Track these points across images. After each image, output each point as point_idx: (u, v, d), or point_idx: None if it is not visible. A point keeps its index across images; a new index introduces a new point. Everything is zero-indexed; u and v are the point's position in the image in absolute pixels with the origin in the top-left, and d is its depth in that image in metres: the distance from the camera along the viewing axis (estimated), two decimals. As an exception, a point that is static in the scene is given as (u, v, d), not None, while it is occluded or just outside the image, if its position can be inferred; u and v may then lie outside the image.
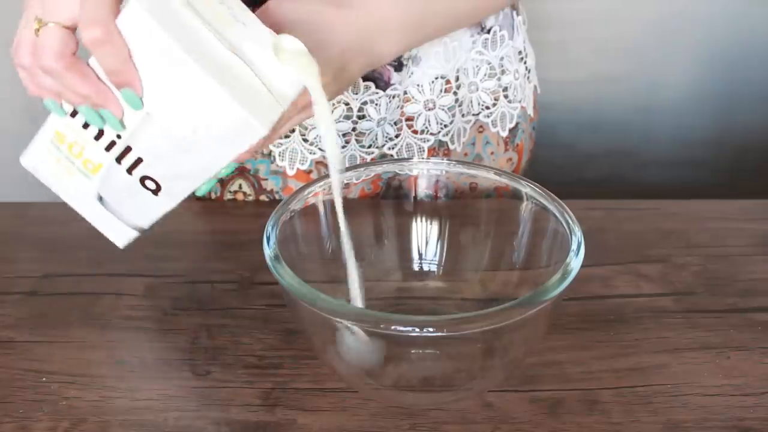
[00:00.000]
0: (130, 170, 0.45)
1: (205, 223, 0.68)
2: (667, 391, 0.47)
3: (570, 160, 1.16)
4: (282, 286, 0.41)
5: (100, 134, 0.44)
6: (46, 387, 0.48)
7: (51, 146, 0.47)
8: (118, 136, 0.44)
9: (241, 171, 0.71)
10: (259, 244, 0.44)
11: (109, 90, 0.41)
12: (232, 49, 0.39)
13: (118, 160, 0.45)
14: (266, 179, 0.70)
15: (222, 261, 0.60)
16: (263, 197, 0.71)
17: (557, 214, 0.47)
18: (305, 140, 0.66)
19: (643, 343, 0.51)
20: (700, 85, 1.13)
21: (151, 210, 0.47)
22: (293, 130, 0.66)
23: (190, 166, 0.43)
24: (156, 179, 0.45)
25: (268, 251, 0.43)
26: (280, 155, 0.67)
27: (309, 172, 0.68)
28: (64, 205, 0.51)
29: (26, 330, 0.53)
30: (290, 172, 0.67)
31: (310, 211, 0.50)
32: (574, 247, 0.43)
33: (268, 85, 0.41)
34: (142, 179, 0.45)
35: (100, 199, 0.48)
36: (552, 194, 0.48)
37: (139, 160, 0.44)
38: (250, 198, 0.71)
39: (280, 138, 0.63)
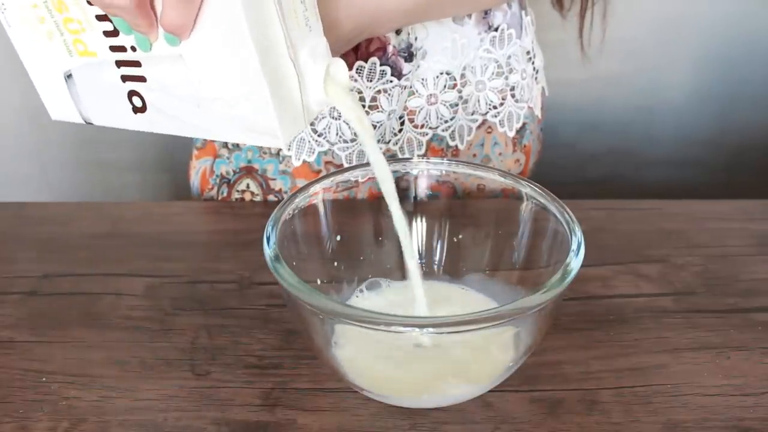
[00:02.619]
0: (125, 79, 0.42)
1: (205, 222, 0.68)
2: (667, 391, 0.47)
3: (571, 159, 1.16)
4: (282, 286, 0.41)
5: (112, 33, 0.41)
6: (46, 387, 0.48)
7: (42, 5, 0.42)
8: (133, 48, 0.40)
9: (248, 171, 0.71)
10: (259, 244, 0.44)
11: (155, 20, 0.38)
12: (292, 53, 0.39)
13: (119, 64, 0.42)
14: (274, 179, 0.70)
15: (222, 261, 0.60)
16: (271, 197, 0.71)
17: (557, 214, 0.47)
18: (314, 131, 0.66)
19: (642, 343, 0.51)
20: (701, 85, 1.13)
21: (117, 118, 0.45)
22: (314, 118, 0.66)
23: (190, 119, 0.42)
24: (147, 102, 0.43)
25: (268, 251, 0.43)
26: (287, 145, 0.67)
27: (318, 172, 0.68)
28: (64, 205, 0.51)
29: (26, 330, 0.53)
30: (296, 163, 0.67)
31: (310, 211, 0.50)
32: (574, 247, 0.43)
33: (305, 102, 0.40)
34: (132, 93, 0.43)
35: (69, 76, 0.45)
36: (552, 194, 0.48)
37: (141, 79, 0.42)
38: (258, 198, 0.71)
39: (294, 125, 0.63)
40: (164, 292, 0.57)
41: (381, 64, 0.62)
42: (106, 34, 0.41)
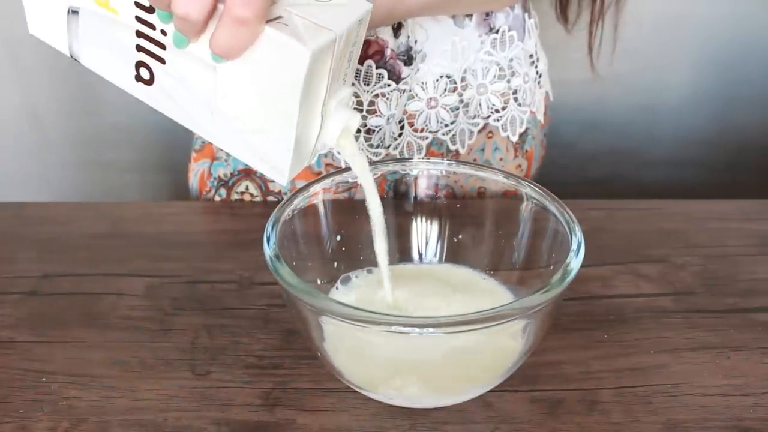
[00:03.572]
0: (139, 49, 0.40)
1: (205, 223, 0.68)
2: (667, 391, 0.47)
3: (571, 159, 1.16)
4: (282, 286, 0.41)
5: (146, 9, 0.39)
6: (46, 387, 0.48)
7: None
8: (163, 33, 0.39)
9: (247, 173, 0.71)
10: (259, 244, 0.44)
11: (205, 30, 0.37)
12: (324, 107, 0.39)
13: (139, 35, 0.39)
14: (273, 180, 0.70)
15: (222, 261, 0.60)
16: (270, 198, 0.71)
17: (557, 214, 0.47)
18: None
19: (642, 343, 0.51)
20: (701, 85, 1.13)
21: (111, 73, 0.42)
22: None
23: (198, 118, 0.41)
24: (156, 80, 0.41)
25: (268, 251, 0.43)
26: None
27: (318, 173, 0.68)
28: (64, 205, 0.51)
29: (26, 330, 0.53)
30: None
31: (310, 211, 0.50)
32: (574, 247, 0.43)
33: (317, 146, 0.41)
34: (142, 64, 0.41)
35: (74, 12, 0.42)
36: (552, 194, 0.48)
37: (159, 59, 0.40)
38: (257, 199, 0.71)
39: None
40: (164, 292, 0.57)
41: (378, 67, 0.62)
42: (138, 5, 0.39)
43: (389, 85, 0.63)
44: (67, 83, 1.07)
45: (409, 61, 0.63)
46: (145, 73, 0.41)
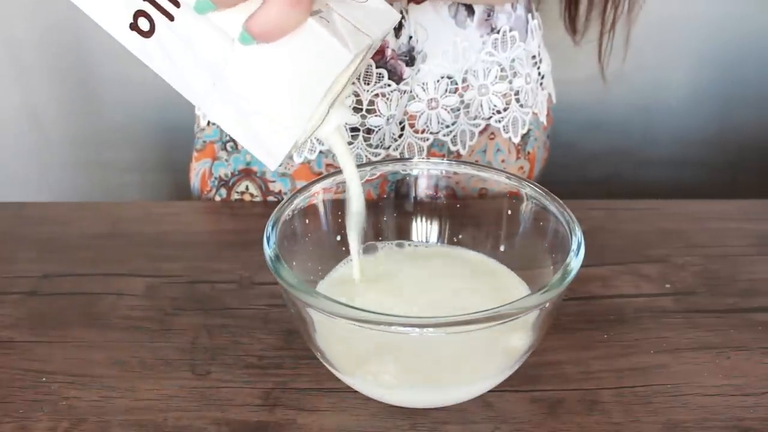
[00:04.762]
0: None
1: (205, 223, 0.68)
2: (667, 391, 0.47)
3: (571, 159, 1.16)
4: (282, 286, 0.41)
5: None
6: (46, 387, 0.48)
7: None
8: None
9: (247, 173, 0.71)
10: (259, 244, 0.44)
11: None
12: (337, 98, 0.39)
13: None
14: (273, 181, 0.70)
15: (222, 261, 0.60)
16: (270, 198, 0.71)
17: (557, 214, 0.47)
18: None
19: (642, 343, 0.51)
20: (701, 85, 1.13)
21: (101, 14, 0.40)
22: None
23: (195, 84, 0.39)
24: (156, 33, 0.38)
25: (268, 251, 0.43)
26: None
27: (318, 173, 0.68)
28: (64, 205, 0.51)
29: (26, 330, 0.53)
30: (297, 160, 0.67)
31: (310, 211, 0.50)
32: (574, 247, 0.43)
33: (309, 139, 0.40)
34: (141, 12, 0.38)
35: None
36: (552, 194, 0.48)
37: (167, 15, 0.37)
38: (257, 199, 0.71)
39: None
40: (164, 292, 0.57)
41: (378, 67, 0.62)
42: None
43: (389, 85, 0.63)
44: (67, 83, 1.07)
45: (410, 61, 0.63)
46: (144, 24, 0.38)
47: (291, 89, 0.37)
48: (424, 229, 0.55)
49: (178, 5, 0.37)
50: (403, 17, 0.61)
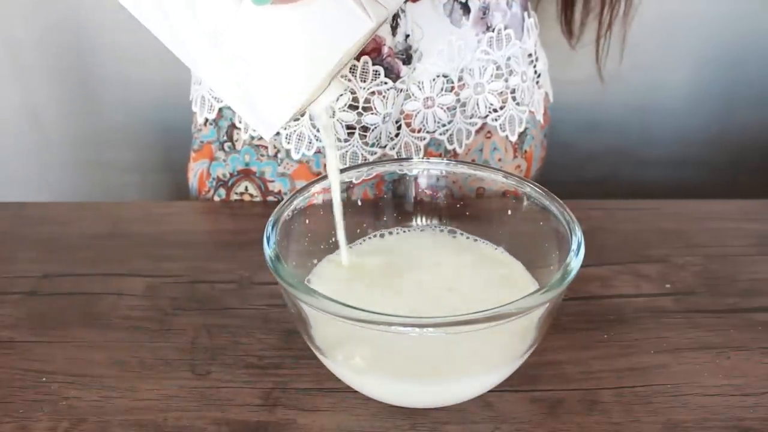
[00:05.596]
0: None
1: (205, 223, 0.68)
2: (667, 391, 0.47)
3: (569, 159, 1.16)
4: (282, 286, 0.41)
5: None
6: (46, 387, 0.48)
7: None
8: None
9: (246, 173, 0.71)
10: (259, 244, 0.44)
11: None
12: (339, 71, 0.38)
13: None
14: (273, 181, 0.70)
15: (222, 261, 0.60)
16: (270, 198, 0.71)
17: (557, 214, 0.47)
18: (313, 125, 0.66)
19: (642, 343, 0.51)
20: (701, 85, 1.13)
21: None
22: (303, 114, 0.66)
23: (189, 44, 0.37)
24: None
25: (268, 251, 0.43)
26: (287, 138, 0.67)
27: (317, 173, 0.68)
28: (64, 205, 0.51)
29: (26, 330, 0.53)
30: (295, 157, 0.67)
31: (310, 211, 0.50)
32: (574, 247, 0.43)
33: (302, 110, 0.40)
34: None
35: None
36: (552, 194, 0.48)
37: None
38: (257, 199, 0.71)
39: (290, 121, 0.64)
40: (164, 292, 0.57)
41: (374, 64, 0.62)
42: None
43: (386, 83, 0.63)
44: (67, 83, 1.07)
45: (407, 60, 0.63)
46: None
47: (303, 56, 0.35)
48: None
49: None
50: (399, 16, 0.61)
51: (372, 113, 0.64)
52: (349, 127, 0.65)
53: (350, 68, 0.62)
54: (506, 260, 0.51)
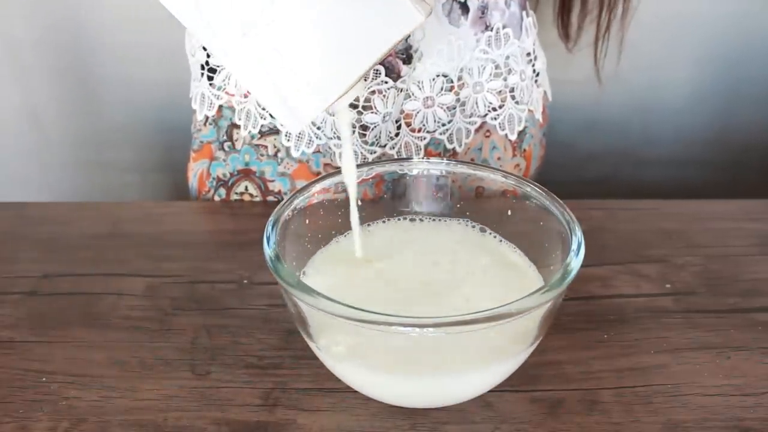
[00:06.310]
0: None
1: (205, 223, 0.68)
2: (667, 391, 0.47)
3: (569, 159, 1.16)
4: (282, 286, 0.41)
5: None
6: (46, 387, 0.48)
7: None
8: None
9: (246, 173, 0.71)
10: (259, 244, 0.44)
11: None
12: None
13: None
14: (273, 181, 0.70)
15: (222, 261, 0.60)
16: (270, 198, 0.71)
17: (557, 214, 0.47)
18: (313, 123, 0.66)
19: (643, 343, 0.51)
20: (701, 85, 1.13)
21: None
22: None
23: (220, 33, 0.36)
24: None
25: (268, 251, 0.43)
26: (286, 135, 0.67)
27: (317, 173, 0.68)
28: (64, 205, 0.51)
29: (26, 330, 0.53)
30: (295, 154, 0.67)
31: (310, 211, 0.50)
32: (574, 247, 0.43)
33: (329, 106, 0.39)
34: None
35: None
36: (552, 194, 0.48)
37: None
38: (257, 199, 0.71)
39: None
40: (164, 292, 0.57)
41: None
42: None
43: (386, 82, 0.63)
44: (67, 83, 1.07)
45: (408, 59, 0.63)
46: None
47: (346, 49, 0.34)
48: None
49: None
50: None
51: (372, 112, 0.64)
52: None
53: None
54: (521, 264, 0.51)
